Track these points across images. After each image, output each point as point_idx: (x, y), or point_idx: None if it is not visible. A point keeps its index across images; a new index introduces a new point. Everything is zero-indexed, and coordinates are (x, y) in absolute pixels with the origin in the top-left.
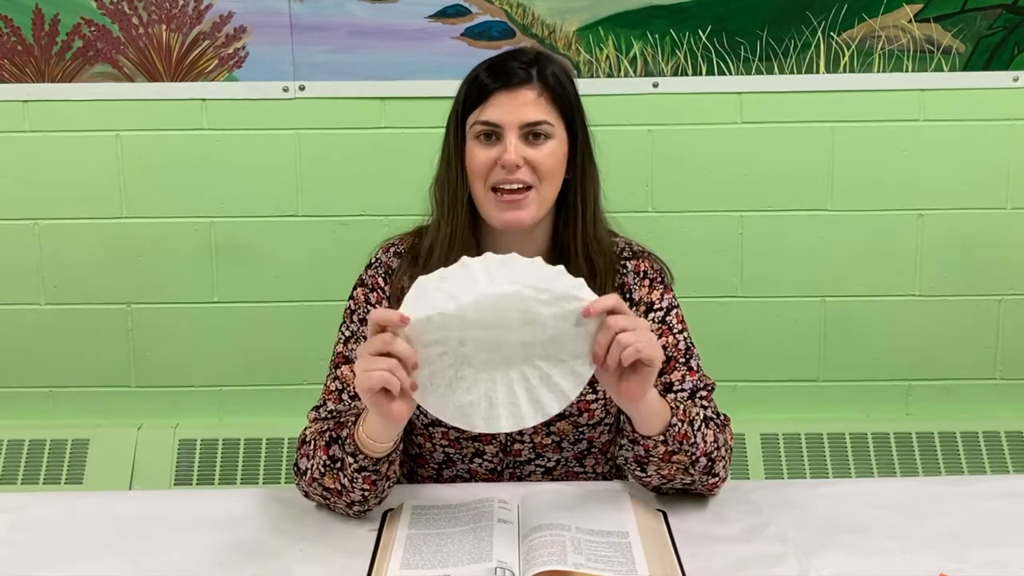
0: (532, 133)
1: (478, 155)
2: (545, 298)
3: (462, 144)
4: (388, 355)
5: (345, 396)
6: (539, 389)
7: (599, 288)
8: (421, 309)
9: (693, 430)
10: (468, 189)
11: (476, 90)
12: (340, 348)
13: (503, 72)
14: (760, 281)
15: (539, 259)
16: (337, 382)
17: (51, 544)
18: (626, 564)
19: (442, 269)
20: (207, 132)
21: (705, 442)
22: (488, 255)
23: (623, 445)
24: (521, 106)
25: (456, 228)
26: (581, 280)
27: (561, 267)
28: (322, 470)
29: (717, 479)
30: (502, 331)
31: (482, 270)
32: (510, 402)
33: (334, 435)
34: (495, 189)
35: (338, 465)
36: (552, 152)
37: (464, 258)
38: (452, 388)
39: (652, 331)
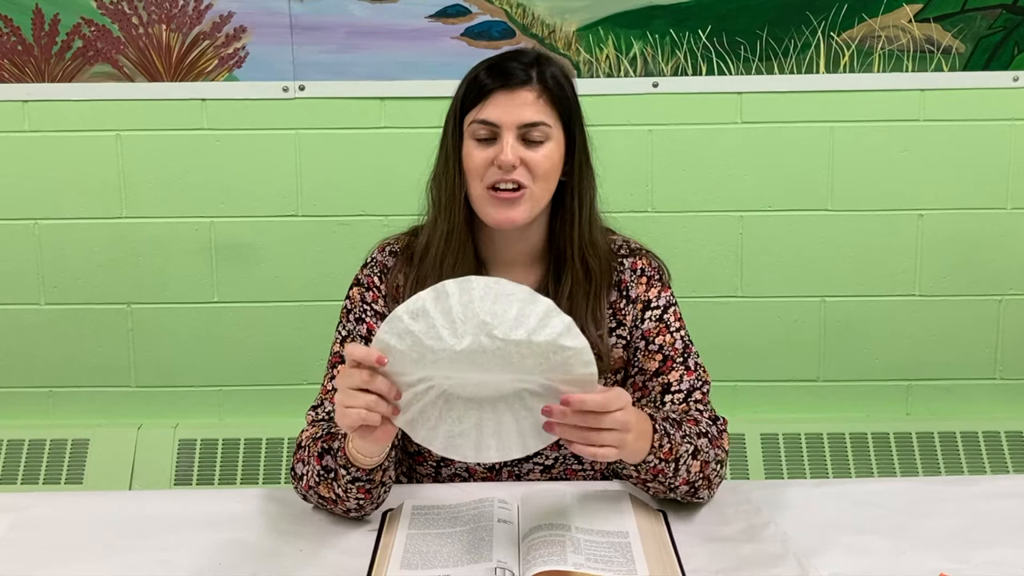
0: (529, 134)
1: (475, 155)
2: (527, 352)
3: (459, 142)
4: (368, 390)
5: None
6: (527, 422)
7: (595, 289)
8: (398, 360)
9: (676, 466)
10: (465, 187)
11: (475, 89)
12: (337, 348)
13: (503, 72)
14: (760, 281)
15: (525, 290)
16: (333, 382)
17: (51, 544)
18: (626, 564)
19: (419, 296)
20: (207, 132)
21: (689, 473)
22: (472, 281)
23: None
24: (520, 107)
25: (453, 226)
26: (568, 322)
27: (549, 303)
28: (317, 479)
29: (702, 500)
30: (487, 375)
31: (459, 310)
32: (499, 432)
33: (327, 445)
34: (491, 187)
35: (331, 476)
36: (548, 154)
37: (445, 285)
38: (442, 418)
39: (630, 403)
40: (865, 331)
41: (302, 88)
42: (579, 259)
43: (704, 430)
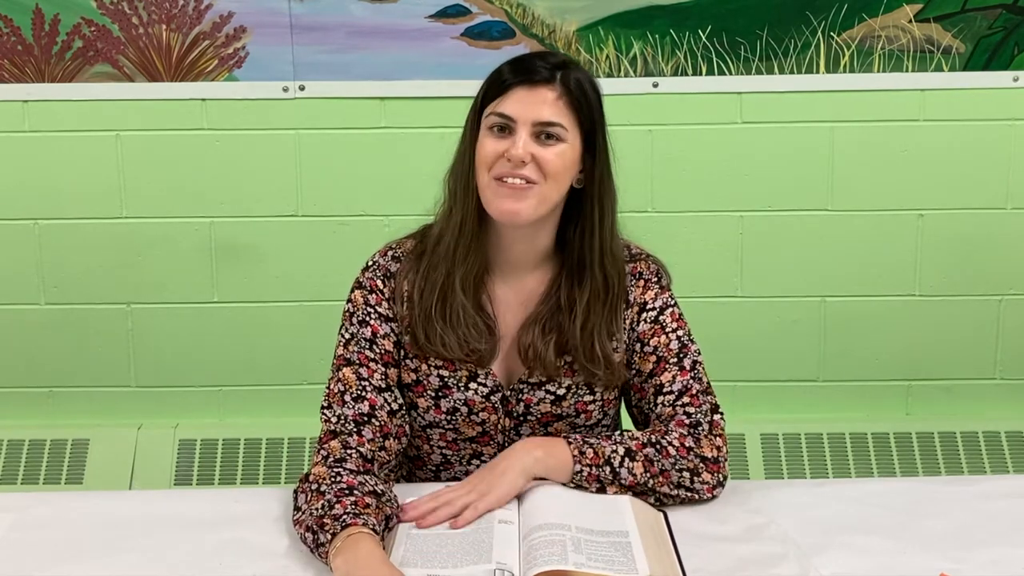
0: (544, 133)
1: (487, 145)
2: None
3: (477, 134)
4: None
5: (347, 398)
6: None
7: (612, 300)
8: None
9: (613, 468)
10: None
11: (497, 83)
12: (341, 351)
13: (526, 69)
14: (760, 281)
15: None
16: (340, 384)
17: (51, 544)
18: (627, 563)
19: None
20: (207, 132)
21: (633, 475)
22: None
23: None
24: (538, 104)
25: (467, 214)
26: None
27: None
28: (304, 539)
29: (672, 501)
30: None
31: None
32: None
33: (317, 526)
34: (498, 179)
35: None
36: (561, 153)
37: None
38: None
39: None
40: (865, 331)
41: (302, 88)
42: (599, 269)
43: (656, 440)
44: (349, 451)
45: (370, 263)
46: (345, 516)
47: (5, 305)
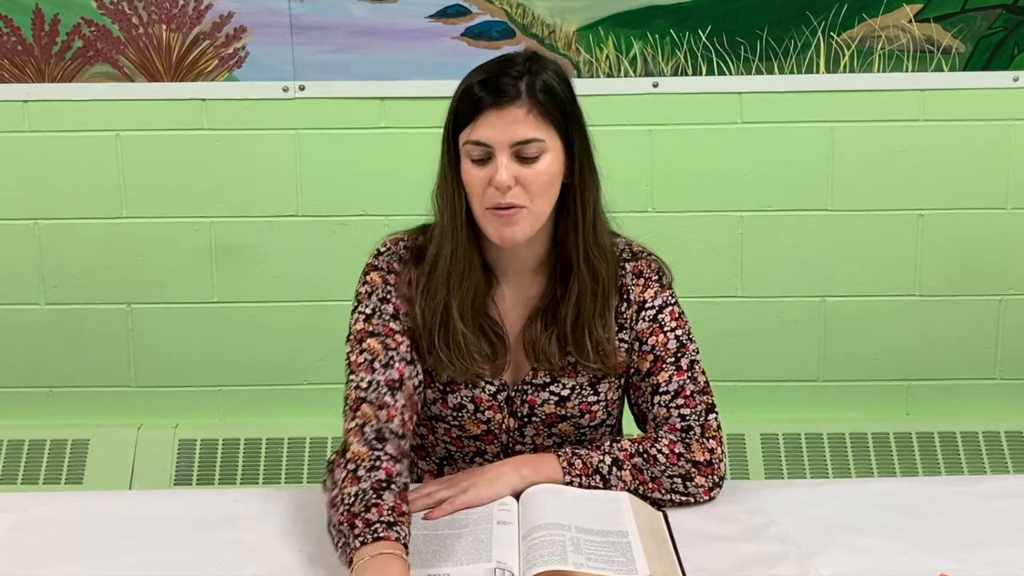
0: (523, 151)
1: (473, 174)
2: None
3: (456, 159)
4: None
5: (377, 364)
6: None
7: (603, 290)
8: None
9: (603, 476)
10: (465, 204)
11: (467, 105)
12: (361, 326)
13: (493, 89)
14: (760, 281)
15: None
16: (366, 354)
17: (51, 544)
18: (626, 563)
19: None
20: (207, 132)
21: (624, 483)
22: None
23: None
24: (510, 125)
25: (457, 244)
26: None
27: None
28: (332, 538)
29: (669, 504)
30: None
31: None
32: None
33: (350, 523)
34: (491, 208)
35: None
36: (545, 168)
37: None
38: None
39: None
40: (865, 331)
41: (302, 88)
42: (585, 263)
43: (645, 449)
44: (385, 425)
45: (382, 249)
46: (378, 525)
47: (5, 305)
